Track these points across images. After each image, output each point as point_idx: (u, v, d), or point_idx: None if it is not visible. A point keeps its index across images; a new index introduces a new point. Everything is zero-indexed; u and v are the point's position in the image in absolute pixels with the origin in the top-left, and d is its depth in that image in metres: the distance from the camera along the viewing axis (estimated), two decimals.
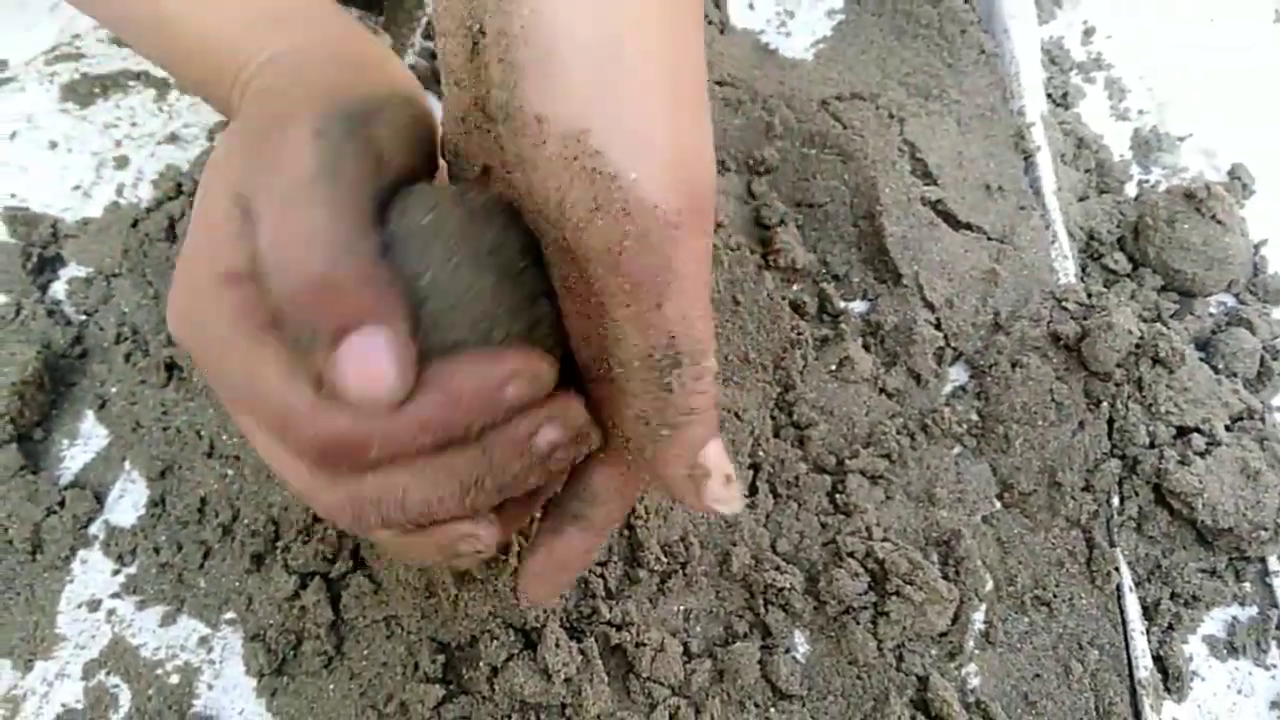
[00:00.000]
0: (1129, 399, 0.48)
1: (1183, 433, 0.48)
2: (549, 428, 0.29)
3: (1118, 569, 0.46)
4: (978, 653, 0.45)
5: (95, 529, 0.48)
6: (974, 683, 0.44)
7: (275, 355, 0.27)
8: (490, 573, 0.44)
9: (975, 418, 0.50)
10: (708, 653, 0.44)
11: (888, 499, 0.48)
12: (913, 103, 0.59)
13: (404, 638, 0.44)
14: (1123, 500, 0.48)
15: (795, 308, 0.53)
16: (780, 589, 0.45)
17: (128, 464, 0.49)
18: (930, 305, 0.52)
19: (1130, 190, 0.59)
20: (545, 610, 0.43)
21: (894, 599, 0.44)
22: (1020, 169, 0.58)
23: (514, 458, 0.29)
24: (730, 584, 0.46)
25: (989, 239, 0.55)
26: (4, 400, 0.49)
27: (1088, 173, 0.60)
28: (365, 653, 0.44)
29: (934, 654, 0.44)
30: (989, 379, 0.50)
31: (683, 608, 0.45)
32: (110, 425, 0.51)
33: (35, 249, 0.55)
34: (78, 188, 0.58)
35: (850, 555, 0.45)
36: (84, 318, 0.54)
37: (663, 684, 0.43)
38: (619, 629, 0.44)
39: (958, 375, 0.52)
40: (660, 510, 0.46)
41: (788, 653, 0.44)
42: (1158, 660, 0.45)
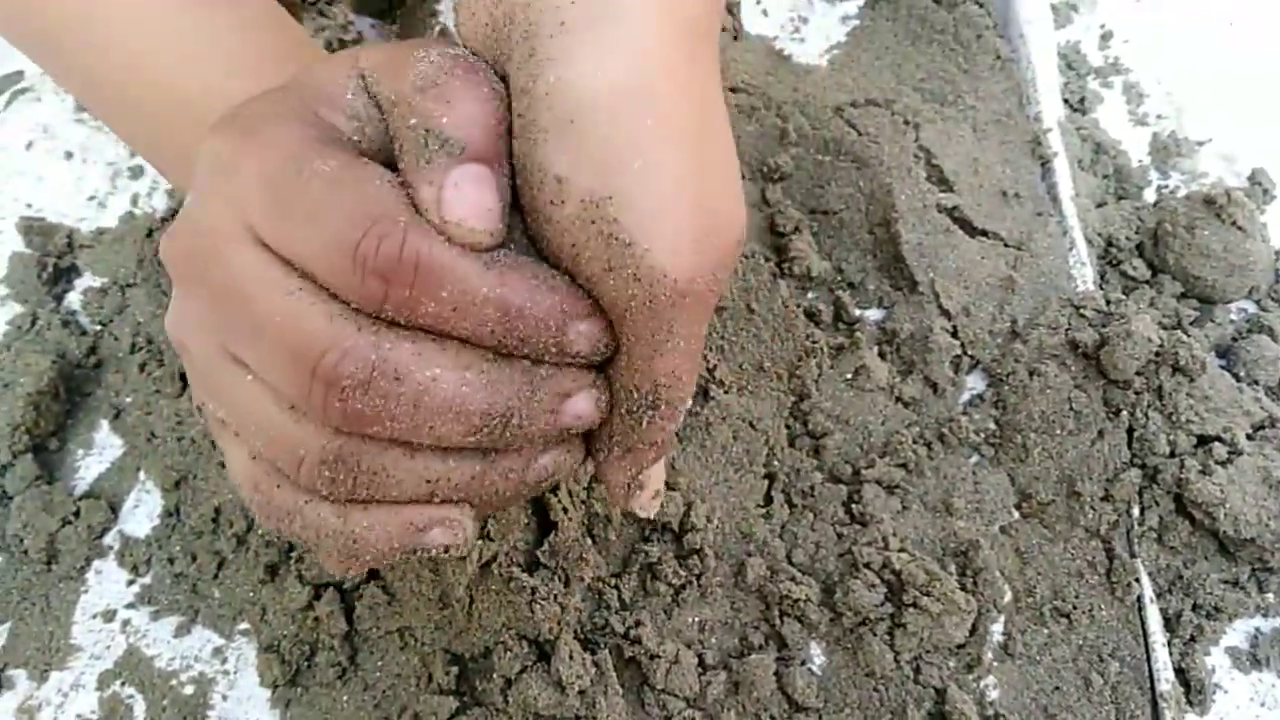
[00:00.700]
0: (1149, 407, 0.48)
1: (1204, 442, 0.47)
2: (584, 396, 0.29)
3: (1138, 580, 0.46)
4: (996, 665, 0.44)
5: (110, 539, 0.48)
6: (993, 695, 0.44)
7: (377, 173, 0.27)
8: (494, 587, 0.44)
9: (993, 427, 0.49)
10: (723, 665, 0.44)
11: (904, 509, 0.48)
12: (928, 108, 0.59)
13: (418, 649, 0.44)
14: (1143, 510, 0.47)
15: (810, 316, 0.52)
16: (796, 600, 0.44)
17: (142, 474, 0.50)
18: (947, 313, 0.52)
19: (1149, 196, 0.59)
20: (559, 622, 0.43)
21: (911, 610, 0.43)
22: (1037, 175, 0.58)
23: (546, 409, 0.28)
24: (745, 595, 0.46)
25: (1006, 246, 0.55)
26: (19, 410, 0.49)
27: (1106, 178, 0.59)
28: (379, 664, 0.44)
29: (952, 666, 0.44)
30: (1006, 387, 0.50)
31: (698, 619, 0.45)
32: (125, 435, 0.51)
33: (50, 259, 0.56)
34: (93, 198, 0.59)
35: (867, 566, 0.45)
36: (99, 328, 0.54)
37: (677, 696, 0.43)
38: (633, 641, 0.43)
39: (975, 384, 0.51)
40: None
41: (804, 665, 0.44)
42: (1179, 672, 0.45)
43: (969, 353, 0.51)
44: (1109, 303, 0.51)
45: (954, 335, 0.52)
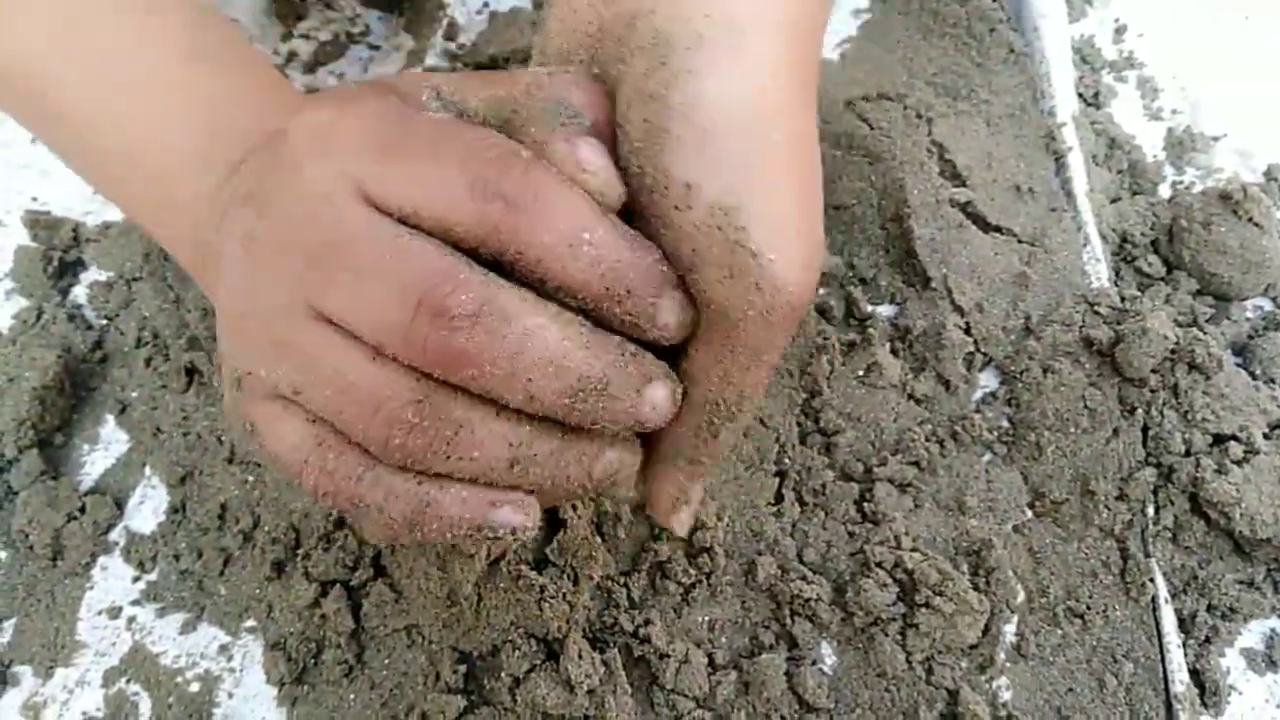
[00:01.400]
0: (1164, 406, 0.47)
1: (1219, 440, 0.47)
2: (663, 384, 0.29)
3: (1153, 580, 0.45)
4: (1009, 665, 0.44)
5: (116, 535, 0.48)
6: (1005, 696, 0.43)
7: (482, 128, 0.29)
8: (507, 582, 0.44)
9: (1006, 424, 0.49)
10: (733, 664, 0.44)
11: (916, 507, 0.47)
12: (941, 103, 0.58)
13: (425, 647, 0.44)
14: (1158, 510, 0.47)
15: (822, 312, 0.52)
16: (807, 599, 0.44)
17: (148, 469, 0.49)
18: (959, 309, 0.51)
19: (1164, 192, 0.58)
20: (567, 621, 0.43)
21: (923, 610, 0.43)
22: (1051, 170, 0.57)
23: (632, 387, 0.28)
24: (756, 594, 0.45)
25: (1019, 241, 0.54)
26: (25, 405, 0.49)
27: (1120, 174, 0.58)
28: (386, 662, 0.44)
29: (964, 666, 0.44)
30: (1020, 385, 0.49)
31: (708, 618, 0.45)
32: (131, 430, 0.51)
33: (56, 253, 0.55)
34: (99, 192, 0.58)
35: (878, 565, 0.44)
36: (105, 322, 0.54)
37: (687, 696, 0.42)
38: (643, 640, 0.43)
39: (988, 381, 0.51)
40: None
41: (815, 665, 0.44)
42: (1194, 674, 0.44)
43: (982, 350, 0.51)
44: (1124, 299, 0.51)
45: (967, 332, 0.51)
